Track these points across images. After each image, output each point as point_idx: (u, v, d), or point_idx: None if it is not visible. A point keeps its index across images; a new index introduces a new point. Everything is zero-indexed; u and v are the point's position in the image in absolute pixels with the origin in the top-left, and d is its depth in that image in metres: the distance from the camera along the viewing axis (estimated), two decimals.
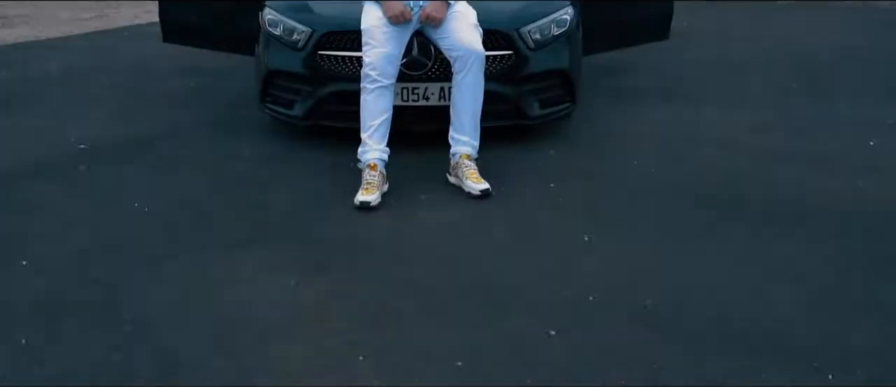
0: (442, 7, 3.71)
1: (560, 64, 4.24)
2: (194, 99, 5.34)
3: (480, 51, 3.69)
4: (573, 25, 4.29)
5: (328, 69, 4.06)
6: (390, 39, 3.68)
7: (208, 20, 5.21)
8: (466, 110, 3.73)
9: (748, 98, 5.40)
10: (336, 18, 4.07)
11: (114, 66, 6.37)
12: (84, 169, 3.98)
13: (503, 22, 4.05)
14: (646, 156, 4.14)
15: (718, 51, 7.03)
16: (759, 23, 8.68)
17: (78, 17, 9.01)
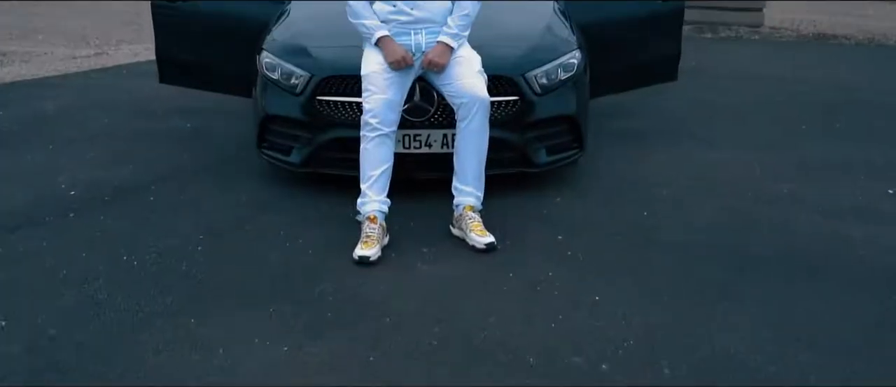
0: (445, 52, 3.58)
1: (567, 109, 4.10)
2: (191, 141, 5.20)
3: (485, 97, 3.55)
4: (580, 69, 4.16)
5: (327, 115, 3.92)
6: (391, 85, 3.55)
7: (205, 61, 5.10)
8: (470, 160, 3.59)
9: (758, 141, 5.26)
10: (336, 63, 3.94)
11: (111, 105, 6.25)
12: (73, 217, 3.83)
13: (508, 67, 3.92)
14: (656, 205, 3.99)
15: (726, 91, 6.91)
16: (766, 61, 8.58)
17: (77, 55, 8.92)
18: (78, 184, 4.30)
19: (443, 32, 3.58)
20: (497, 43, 3.99)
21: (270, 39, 4.24)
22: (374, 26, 3.59)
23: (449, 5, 3.63)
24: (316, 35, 4.16)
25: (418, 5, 3.57)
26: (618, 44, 5.13)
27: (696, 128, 5.60)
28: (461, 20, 3.61)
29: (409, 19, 3.59)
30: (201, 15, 4.98)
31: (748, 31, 10.54)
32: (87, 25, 11.69)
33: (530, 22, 4.33)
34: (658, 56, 5.42)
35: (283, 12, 4.56)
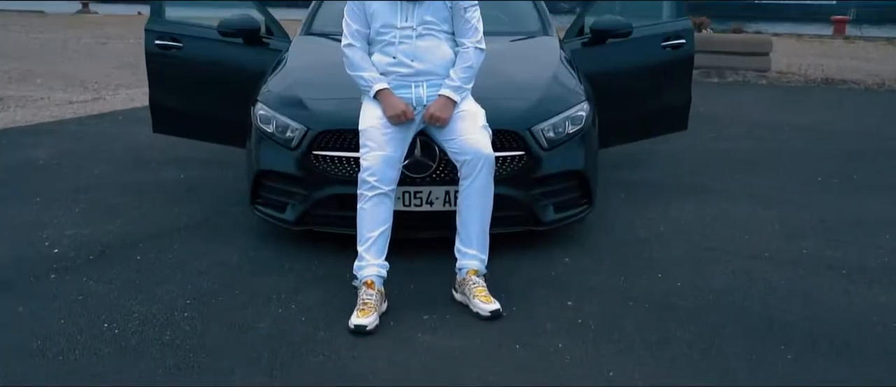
0: (447, 106, 3.39)
1: (576, 164, 3.91)
2: (184, 194, 5.01)
3: (489, 154, 3.36)
4: (589, 122, 3.97)
5: (324, 171, 3.73)
6: (391, 141, 3.36)
7: (200, 110, 4.94)
8: (474, 220, 3.38)
9: (774, 194, 5.05)
10: (333, 116, 3.75)
11: (104, 154, 6.08)
12: (54, 278, 3.62)
13: (514, 120, 3.73)
14: (671, 266, 3.77)
15: (737, 138, 6.72)
16: (775, 107, 8.41)
17: (74, 100, 8.79)
18: (62, 241, 4.09)
19: (445, 85, 3.41)
20: (501, 94, 3.81)
21: (265, 90, 4.07)
22: (373, 79, 3.42)
23: (451, 56, 3.46)
24: (313, 85, 3.98)
25: (419, 56, 3.40)
26: (626, 93, 4.98)
27: (709, 179, 5.39)
28: (464, 72, 3.43)
29: (410, 71, 3.41)
30: (197, 62, 4.85)
31: (755, 75, 10.40)
32: (87, 68, 11.61)
33: (536, 72, 4.16)
34: (668, 105, 5.26)
35: (281, 60, 4.40)
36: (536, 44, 4.66)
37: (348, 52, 3.47)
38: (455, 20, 3.47)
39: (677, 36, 5.11)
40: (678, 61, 5.16)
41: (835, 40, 17.27)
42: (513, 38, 4.74)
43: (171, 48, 4.86)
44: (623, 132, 5.13)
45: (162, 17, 4.98)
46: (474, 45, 3.47)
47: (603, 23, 4.88)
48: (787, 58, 12.26)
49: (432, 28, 3.42)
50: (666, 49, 5.08)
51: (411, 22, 3.40)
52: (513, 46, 4.59)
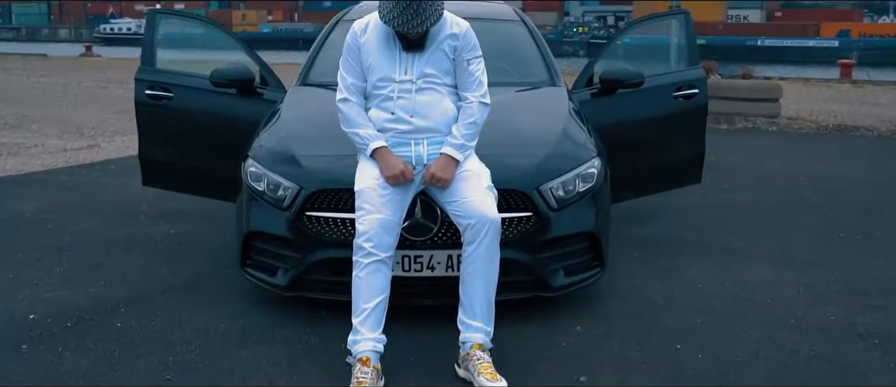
0: (450, 166, 3.17)
1: (587, 225, 3.66)
2: (173, 252, 4.77)
3: (495, 218, 3.12)
4: (600, 179, 3.74)
5: (317, 233, 3.49)
6: (389, 203, 3.13)
7: (191, 163, 4.73)
8: (478, 290, 3.13)
9: (795, 252, 4.80)
10: (328, 174, 3.52)
11: (92, 206, 5.86)
12: (26, 350, 3.36)
13: (521, 179, 3.50)
14: (690, 336, 3.50)
15: (752, 190, 6.49)
16: (789, 156, 8.19)
17: (68, 148, 8.60)
18: (39, 305, 3.85)
19: (447, 143, 3.19)
20: (507, 151, 3.59)
21: (257, 145, 3.85)
22: (369, 136, 3.20)
23: (453, 112, 3.25)
24: (307, 141, 3.77)
25: (419, 112, 3.19)
26: (637, 145, 4.77)
27: (726, 236, 5.15)
28: (467, 129, 3.21)
29: (409, 128, 3.20)
30: (188, 113, 4.66)
31: (765, 122, 10.20)
32: (85, 114, 11.47)
33: (543, 125, 3.94)
34: (681, 157, 5.05)
35: (274, 113, 4.19)
36: (544, 95, 4.45)
37: (343, 107, 3.26)
38: (458, 73, 3.26)
39: (690, 85, 4.91)
40: (691, 112, 4.95)
41: (842, 84, 17.12)
42: (519, 88, 4.53)
43: (162, 98, 4.67)
44: (634, 187, 4.90)
45: (153, 65, 4.80)
46: (478, 100, 3.26)
47: (613, 72, 4.67)
48: (795, 103, 12.07)
49: (433, 81, 3.22)
50: (678, 99, 4.88)
51: (411, 75, 3.19)
52: (519, 98, 4.38)
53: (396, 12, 3.04)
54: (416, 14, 3.02)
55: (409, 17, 3.03)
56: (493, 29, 4.79)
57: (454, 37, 3.24)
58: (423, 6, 3.02)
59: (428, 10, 3.04)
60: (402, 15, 3.03)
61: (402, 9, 3.02)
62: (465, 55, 3.26)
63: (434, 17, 3.07)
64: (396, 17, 3.05)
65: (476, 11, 5.01)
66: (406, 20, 3.03)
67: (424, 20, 3.04)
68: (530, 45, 4.88)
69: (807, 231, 5.30)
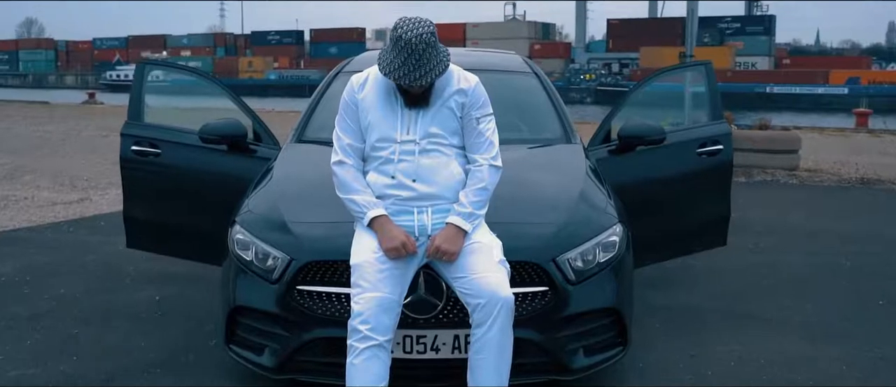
0: (457, 237, 2.85)
1: (608, 300, 3.32)
2: (156, 322, 4.44)
3: (508, 297, 2.79)
4: (623, 248, 3.41)
5: (310, 309, 3.16)
6: (388, 280, 2.81)
7: (177, 225, 4.43)
8: (489, 377, 2.81)
9: (832, 323, 4.43)
10: (322, 244, 3.20)
11: (75, 267, 5.54)
12: None
13: (535, 250, 3.17)
14: None
15: (779, 251, 6.14)
16: (813, 211, 7.85)
17: (59, 201, 8.31)
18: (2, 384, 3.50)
19: (454, 211, 2.88)
20: (519, 217, 3.28)
21: (245, 210, 3.54)
22: (367, 204, 2.89)
23: (461, 176, 2.94)
24: (301, 205, 3.45)
25: (423, 177, 2.88)
26: (658, 207, 4.47)
27: (755, 304, 4.79)
28: (476, 195, 2.90)
29: (412, 195, 2.89)
30: (176, 171, 4.38)
31: (784, 174, 9.88)
32: (81, 164, 11.21)
33: (558, 188, 3.61)
34: (704, 219, 4.73)
35: (267, 172, 3.89)
36: (558, 153, 4.13)
37: (339, 170, 2.96)
38: (466, 132, 2.97)
39: (714, 141, 4.61)
40: (715, 170, 4.65)
41: (858, 133, 16.83)
42: (531, 145, 4.22)
43: (149, 155, 4.39)
44: (655, 251, 4.56)
45: (140, 119, 4.53)
46: (489, 163, 2.95)
47: (632, 128, 4.37)
48: (813, 153, 11.75)
49: (439, 142, 2.92)
50: (702, 156, 4.57)
51: (413, 134, 2.89)
52: (531, 157, 4.06)
53: (397, 63, 2.75)
54: (418, 65, 2.73)
55: (412, 68, 2.74)
56: (502, 81, 4.50)
57: (462, 93, 2.95)
58: (426, 56, 2.74)
59: (432, 60, 2.75)
60: (404, 66, 2.74)
61: (404, 59, 2.73)
62: (474, 113, 2.96)
63: (439, 68, 2.78)
64: (397, 68, 2.76)
65: (484, 62, 4.74)
66: (408, 72, 2.74)
67: (428, 71, 2.75)
68: (543, 98, 4.57)
69: (842, 298, 4.94)
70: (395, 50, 2.77)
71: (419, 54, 2.73)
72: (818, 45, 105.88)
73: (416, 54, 2.73)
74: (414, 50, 2.73)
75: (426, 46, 2.74)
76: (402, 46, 2.74)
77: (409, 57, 2.74)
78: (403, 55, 2.74)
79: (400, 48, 2.75)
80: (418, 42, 2.73)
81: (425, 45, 2.74)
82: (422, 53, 2.74)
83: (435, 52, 2.77)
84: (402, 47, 2.74)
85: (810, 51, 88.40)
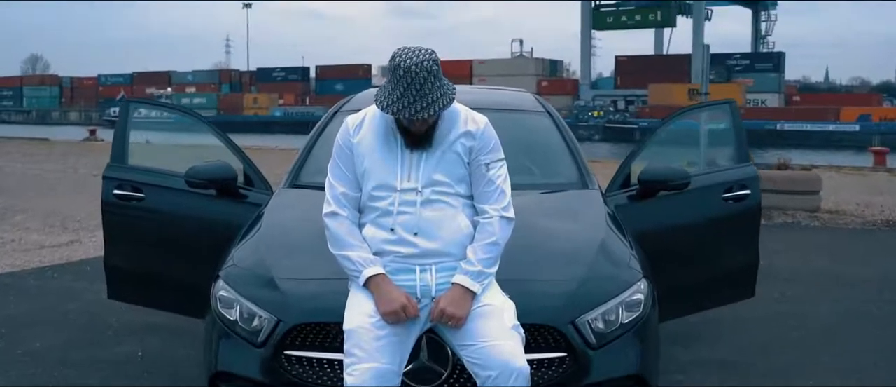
0: (464, 300, 2.55)
1: (633, 366, 3.00)
2: (137, 379, 4.13)
3: (522, 367, 2.49)
4: (648, 307, 3.10)
5: (298, 377, 2.84)
6: (386, 348, 2.50)
7: (161, 275, 4.16)
8: None
9: (870, 380, 4.11)
10: (314, 303, 2.89)
11: (55, 318, 5.24)
12: None
13: (552, 311, 2.86)
14: None
15: (806, 300, 5.81)
16: (839, 256, 7.52)
17: (47, 243, 8.04)
18: None
19: (460, 270, 2.59)
20: (533, 273, 2.98)
21: (230, 264, 3.24)
22: (363, 261, 2.60)
23: (468, 230, 2.65)
24: (292, 259, 3.14)
25: (425, 230, 2.59)
26: (681, 257, 4.18)
27: (786, 359, 4.47)
28: (486, 252, 2.61)
29: (413, 251, 2.60)
30: (160, 217, 4.12)
31: (806, 216, 9.56)
32: (75, 204, 10.94)
33: (576, 239, 3.31)
34: (731, 269, 4.42)
35: (256, 221, 3.59)
36: (575, 199, 3.83)
37: (331, 223, 2.67)
38: (474, 179, 2.68)
39: (742, 185, 4.31)
40: (742, 216, 4.36)
41: (877, 172, 16.52)
42: (544, 190, 3.92)
43: (132, 199, 4.12)
44: (678, 304, 4.23)
45: (123, 161, 4.27)
46: (500, 214, 2.66)
47: (654, 172, 4.08)
48: (833, 193, 11.43)
49: (444, 191, 2.63)
50: (728, 201, 4.28)
51: (415, 182, 2.61)
52: (545, 204, 3.76)
53: (396, 95, 2.48)
54: (420, 96, 2.46)
55: (412, 99, 2.46)
56: (513, 121, 4.21)
57: (469, 135, 2.67)
58: (428, 86, 2.47)
59: (435, 91, 2.48)
60: (404, 97, 2.47)
61: (404, 89, 2.46)
62: (483, 158, 2.68)
63: (443, 101, 2.50)
64: (396, 100, 2.48)
65: (493, 101, 4.45)
66: (408, 104, 2.47)
67: (431, 104, 2.48)
68: (556, 139, 4.27)
69: (877, 352, 4.61)
70: (393, 81, 2.51)
71: (420, 84, 2.46)
72: (827, 82, 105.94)
73: (417, 84, 2.46)
74: (414, 79, 2.46)
75: (428, 75, 2.47)
76: (400, 75, 2.47)
77: (409, 87, 2.46)
78: (403, 85, 2.47)
79: (398, 78, 2.48)
80: (419, 70, 2.46)
81: (426, 74, 2.47)
82: (423, 83, 2.47)
83: (438, 82, 2.51)
84: (400, 77, 2.47)
85: (820, 88, 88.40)
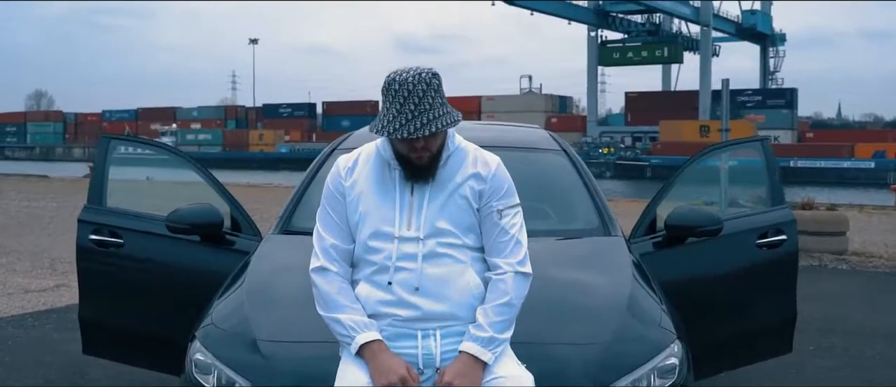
0: (473, 371, 2.21)
1: None
2: None
3: None
4: (683, 372, 2.75)
5: None
6: None
7: (140, 330, 3.84)
8: None
9: None
10: (299, 371, 2.55)
11: (29, 373, 4.89)
12: None
13: (576, 379, 2.51)
14: None
15: (845, 355, 5.43)
16: (874, 303, 7.15)
17: (35, 287, 7.72)
18: None
19: (469, 335, 2.25)
20: (553, 336, 2.65)
21: (208, 323, 2.90)
22: (356, 325, 2.26)
23: (478, 288, 2.32)
24: (277, 317, 2.81)
25: (428, 289, 2.27)
26: (712, 309, 3.86)
27: None
28: (499, 313, 2.27)
29: (415, 314, 2.26)
30: (140, 265, 3.83)
31: (833, 259, 9.18)
32: (66, 244, 10.58)
33: (600, 294, 2.97)
34: (766, 322, 4.09)
35: (240, 272, 3.26)
36: (597, 248, 3.48)
37: (320, 280, 2.33)
38: (485, 229, 2.35)
39: (777, 230, 3.98)
40: (778, 264, 4.06)
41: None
42: (560, 236, 3.57)
43: (110, 245, 3.82)
44: (707, 361, 3.87)
45: (102, 203, 3.97)
46: (514, 270, 2.32)
47: (682, 216, 3.75)
48: (858, 234, 11.05)
49: (449, 243, 2.29)
50: (762, 248, 3.94)
51: (416, 229, 2.27)
52: (563, 253, 3.41)
53: (392, 113, 2.18)
54: (418, 111, 2.16)
55: (409, 115, 2.17)
56: (526, 160, 3.88)
57: (479, 178, 2.34)
58: (427, 100, 2.17)
59: (435, 107, 2.18)
60: (400, 115, 2.17)
61: (400, 105, 2.16)
62: (495, 204, 2.35)
63: (447, 118, 2.20)
64: (392, 119, 2.18)
65: (504, 138, 4.12)
66: (405, 121, 2.17)
67: (431, 121, 2.18)
68: (574, 179, 3.92)
69: None
70: (388, 99, 2.21)
71: (419, 97, 2.16)
72: (840, 119, 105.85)
73: (415, 97, 2.16)
74: (412, 92, 2.16)
75: (427, 87, 2.18)
76: (396, 90, 2.18)
77: (406, 101, 2.16)
78: (399, 100, 2.17)
79: (394, 93, 2.18)
80: (417, 82, 2.17)
81: (426, 86, 2.17)
82: (422, 96, 2.16)
83: (440, 99, 2.21)
84: (396, 91, 2.18)
85: (832, 124, 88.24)
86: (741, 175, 9.70)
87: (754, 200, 7.07)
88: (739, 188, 9.85)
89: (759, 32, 66.64)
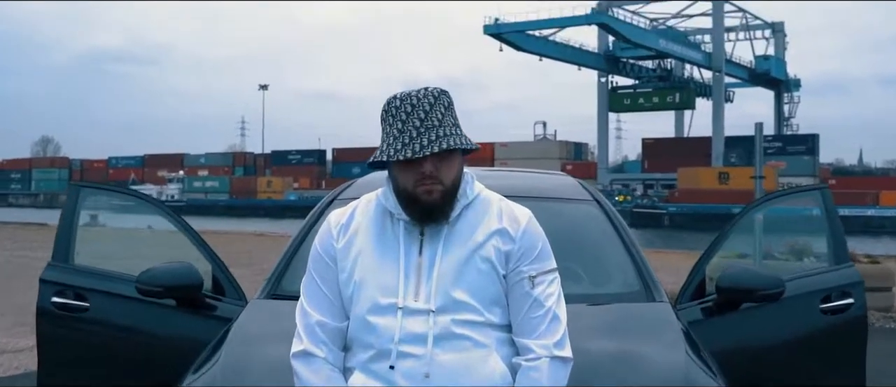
0: None
1: None
2: None
3: None
4: None
5: None
6: None
7: None
8: None
9: None
10: None
11: None
12: None
13: None
14: None
15: None
16: None
17: (11, 347, 7.31)
18: None
19: None
20: None
21: None
22: None
23: (503, 378, 1.85)
24: None
25: (440, 378, 1.79)
26: (770, 381, 3.38)
27: None
28: None
29: None
30: (109, 332, 3.47)
31: (880, 317, 8.63)
32: None
33: (649, 373, 2.50)
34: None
35: (220, 341, 2.81)
36: (640, 316, 2.99)
37: (302, 368, 1.89)
38: (513, 300, 1.90)
39: (843, 293, 3.54)
40: (845, 330, 3.67)
41: None
42: (597, 302, 3.08)
43: (76, 309, 3.43)
44: None
45: (68, 261, 3.59)
46: (551, 353, 1.85)
47: (735, 278, 3.30)
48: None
49: (469, 320, 1.84)
50: (827, 314, 3.50)
51: (425, 300, 1.83)
52: (600, 322, 2.91)
53: (394, 132, 1.80)
54: (425, 128, 1.79)
55: (414, 133, 1.79)
56: (553, 212, 3.36)
57: (505, 236, 1.89)
58: (434, 114, 1.81)
59: (447, 125, 1.80)
60: (403, 132, 1.80)
61: (403, 121, 1.80)
62: (526, 269, 1.90)
63: (456, 139, 1.80)
64: (394, 139, 1.79)
65: (528, 187, 3.65)
66: (410, 139, 1.79)
67: (444, 137, 1.80)
68: (610, 234, 3.42)
69: None
70: (387, 120, 1.84)
71: (424, 112, 1.80)
72: (862, 165, 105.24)
73: (420, 111, 1.80)
74: (416, 106, 1.80)
75: (434, 102, 1.81)
76: (397, 107, 1.82)
77: (409, 117, 1.79)
78: (401, 117, 1.81)
79: (394, 111, 1.82)
80: (422, 96, 1.81)
81: (433, 100, 1.81)
82: (428, 111, 1.80)
83: (450, 116, 1.83)
84: (397, 108, 1.82)
85: (855, 171, 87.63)
86: (771, 225, 9.22)
87: (788, 251, 6.59)
88: (773, 238, 9.35)
89: (773, 78, 66.52)
